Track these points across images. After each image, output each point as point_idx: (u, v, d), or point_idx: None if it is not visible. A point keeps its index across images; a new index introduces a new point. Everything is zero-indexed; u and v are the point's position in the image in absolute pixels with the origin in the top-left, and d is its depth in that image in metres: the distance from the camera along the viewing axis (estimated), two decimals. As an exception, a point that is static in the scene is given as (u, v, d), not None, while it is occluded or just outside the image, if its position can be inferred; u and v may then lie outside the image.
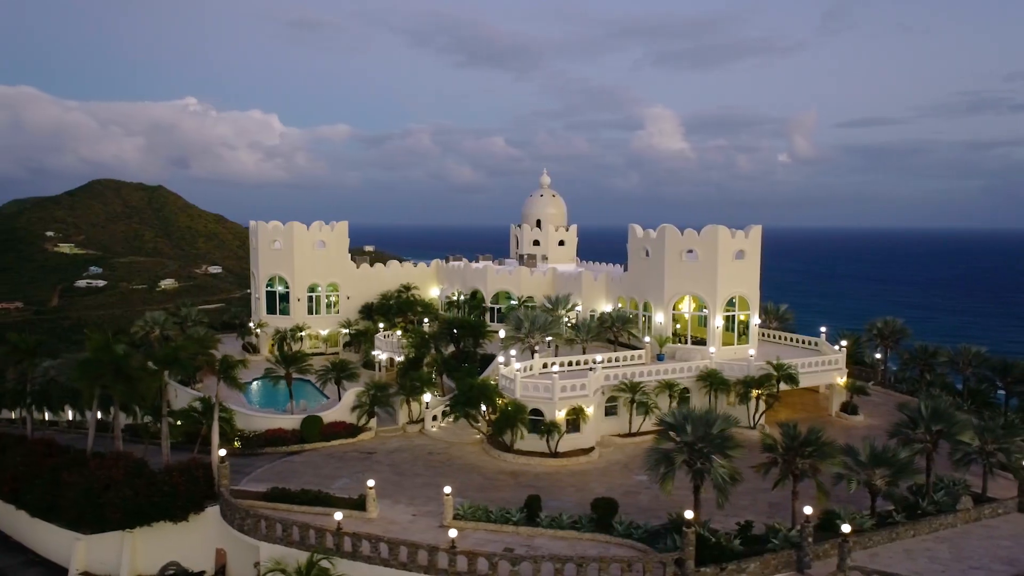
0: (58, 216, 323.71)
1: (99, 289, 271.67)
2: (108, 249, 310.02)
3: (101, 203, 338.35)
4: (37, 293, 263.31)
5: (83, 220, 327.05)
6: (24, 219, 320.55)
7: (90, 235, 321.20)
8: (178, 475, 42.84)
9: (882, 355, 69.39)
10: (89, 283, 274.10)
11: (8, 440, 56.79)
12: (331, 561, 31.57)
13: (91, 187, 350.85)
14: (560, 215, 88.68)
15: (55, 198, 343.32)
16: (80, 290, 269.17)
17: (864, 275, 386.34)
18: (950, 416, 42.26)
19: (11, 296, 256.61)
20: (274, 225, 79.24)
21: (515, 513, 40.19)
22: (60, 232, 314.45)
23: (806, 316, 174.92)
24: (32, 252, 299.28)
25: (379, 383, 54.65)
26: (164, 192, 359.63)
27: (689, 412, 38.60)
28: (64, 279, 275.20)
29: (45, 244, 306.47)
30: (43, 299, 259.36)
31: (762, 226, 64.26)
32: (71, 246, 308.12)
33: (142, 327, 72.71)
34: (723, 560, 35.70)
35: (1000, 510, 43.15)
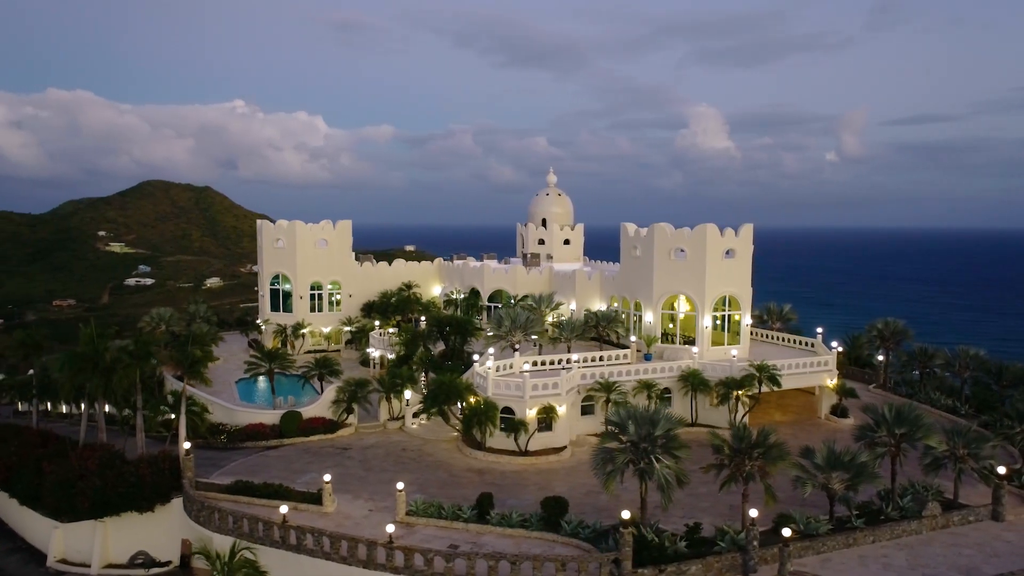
0: (110, 216, 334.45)
1: (147, 287, 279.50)
2: (157, 248, 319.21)
3: (151, 203, 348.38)
4: (89, 291, 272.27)
5: (133, 220, 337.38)
6: (78, 219, 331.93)
7: (140, 234, 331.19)
8: (145, 467, 44.06)
9: (884, 357, 67.49)
10: (138, 281, 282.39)
11: (8, 431, 59.04)
12: (253, 552, 32.07)
13: (141, 188, 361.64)
14: (566, 214, 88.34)
15: (107, 199, 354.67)
16: (129, 288, 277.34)
17: (916, 277, 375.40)
18: (915, 419, 40.97)
19: (65, 294, 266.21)
20: (277, 224, 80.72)
21: (466, 510, 40.34)
22: (111, 232, 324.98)
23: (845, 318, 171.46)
24: (85, 251, 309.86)
25: (358, 380, 55.25)
26: (211, 193, 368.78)
27: (633, 412, 38.21)
28: (114, 277, 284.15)
29: (97, 243, 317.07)
30: (94, 297, 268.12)
31: (753, 224, 63.04)
32: (121, 245, 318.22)
33: (148, 323, 74.74)
34: (665, 562, 35.37)
35: (971, 517, 41.71)
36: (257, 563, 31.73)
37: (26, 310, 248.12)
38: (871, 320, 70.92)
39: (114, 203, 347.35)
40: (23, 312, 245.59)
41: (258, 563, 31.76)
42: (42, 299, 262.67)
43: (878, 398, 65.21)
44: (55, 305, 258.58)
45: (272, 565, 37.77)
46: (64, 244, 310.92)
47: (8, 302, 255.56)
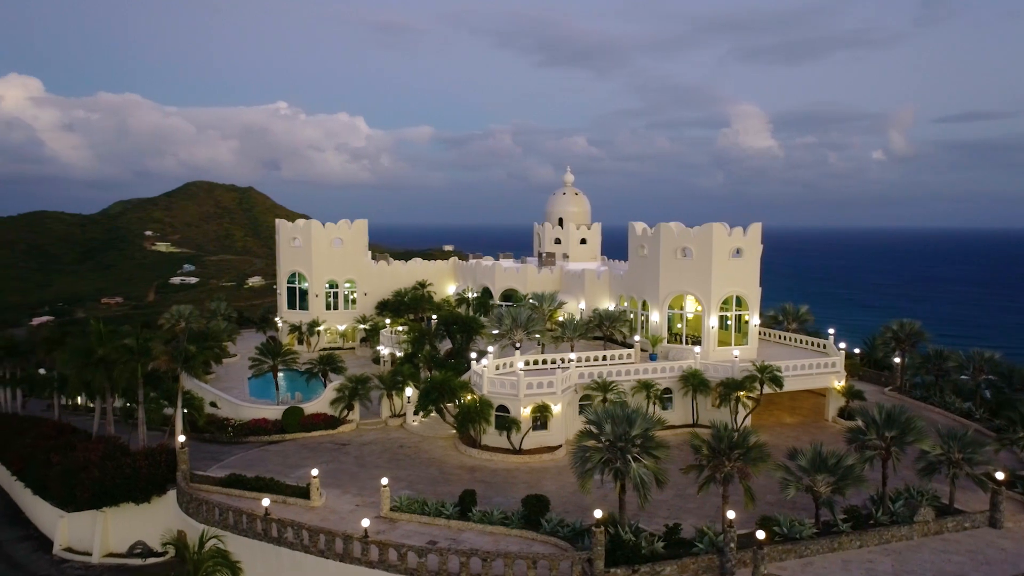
0: (156, 216, 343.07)
1: (191, 286, 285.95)
2: (201, 248, 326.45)
3: (195, 204, 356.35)
4: (135, 289, 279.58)
5: (179, 220, 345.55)
6: (126, 219, 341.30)
7: (185, 234, 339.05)
8: (142, 459, 45.25)
9: (901, 359, 65.87)
10: (182, 280, 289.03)
11: (26, 423, 61.17)
12: (223, 541, 32.76)
13: (186, 188, 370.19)
14: (582, 213, 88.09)
15: (154, 199, 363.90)
16: (174, 286, 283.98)
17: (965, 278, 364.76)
18: (906, 422, 40.00)
19: (113, 292, 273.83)
20: (294, 223, 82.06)
21: (449, 507, 40.57)
22: (158, 231, 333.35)
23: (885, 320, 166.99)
24: (132, 250, 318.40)
25: (359, 377, 55.84)
26: (254, 193, 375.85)
27: (611, 411, 37.98)
28: (160, 276, 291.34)
29: (144, 243, 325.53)
30: (140, 295, 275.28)
31: (762, 223, 62.19)
32: (167, 244, 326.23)
33: (168, 319, 76.59)
34: (640, 562, 35.14)
35: (967, 524, 40.59)
36: (228, 553, 32.38)
37: (76, 308, 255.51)
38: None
39: (160, 203, 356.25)
40: (73, 310, 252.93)
41: (228, 553, 32.39)
42: (91, 297, 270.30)
43: (890, 401, 63.87)
44: (103, 303, 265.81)
45: (255, 557, 38.54)
46: (113, 244, 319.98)
47: (59, 300, 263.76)
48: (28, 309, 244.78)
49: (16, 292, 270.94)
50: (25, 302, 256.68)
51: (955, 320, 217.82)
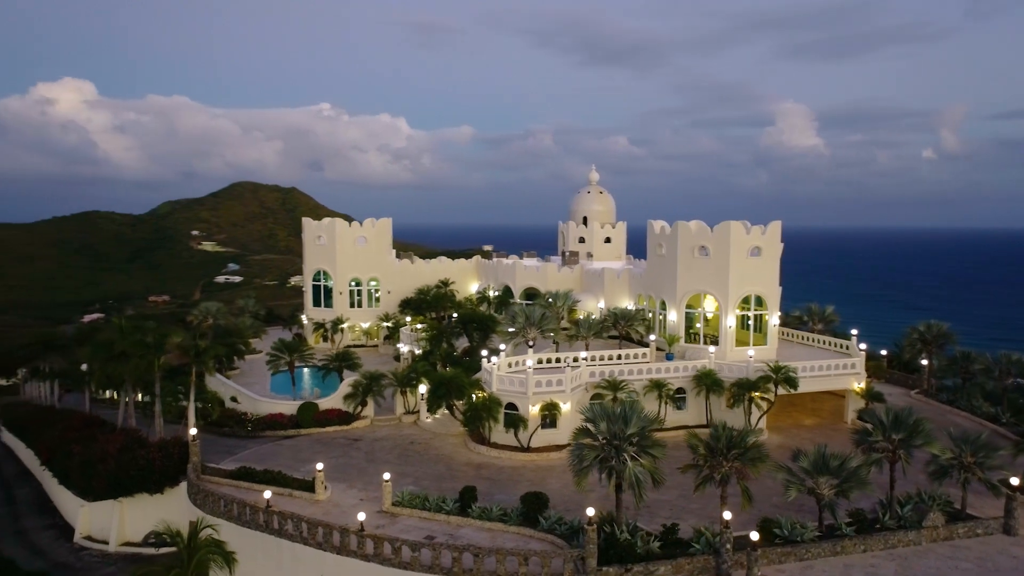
0: (202, 216, 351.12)
1: (235, 284, 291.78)
2: (245, 247, 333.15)
3: (240, 204, 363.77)
4: (182, 288, 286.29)
5: (224, 220, 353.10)
6: (173, 219, 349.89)
7: (230, 234, 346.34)
8: (155, 451, 46.43)
9: (928, 361, 64.23)
10: (227, 279, 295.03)
11: (55, 415, 63.22)
12: (216, 530, 33.42)
13: (232, 189, 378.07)
14: (607, 212, 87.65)
15: (201, 199, 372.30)
16: (219, 285, 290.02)
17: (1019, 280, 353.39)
18: (914, 425, 39.02)
19: (160, 290, 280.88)
20: (319, 221, 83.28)
21: (449, 503, 40.80)
22: (204, 231, 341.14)
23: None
24: (179, 250, 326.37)
25: (373, 373, 56.44)
26: (297, 193, 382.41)
27: (607, 409, 37.79)
28: (205, 275, 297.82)
29: (191, 242, 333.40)
30: (187, 293, 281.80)
31: (781, 222, 61.23)
32: (213, 244, 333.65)
33: (197, 316, 78.33)
34: (634, 561, 34.93)
35: (979, 530, 39.47)
36: (222, 543, 33.04)
37: (125, 305, 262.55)
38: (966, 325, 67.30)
39: (207, 204, 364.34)
40: (123, 307, 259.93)
41: (223, 543, 33.06)
42: (140, 295, 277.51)
43: (918, 405, 62.37)
44: (151, 301, 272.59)
45: (256, 549, 39.31)
46: (161, 243, 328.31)
47: (109, 297, 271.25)
48: (80, 306, 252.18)
49: (69, 290, 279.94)
50: (77, 300, 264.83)
51: (1005, 323, 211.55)
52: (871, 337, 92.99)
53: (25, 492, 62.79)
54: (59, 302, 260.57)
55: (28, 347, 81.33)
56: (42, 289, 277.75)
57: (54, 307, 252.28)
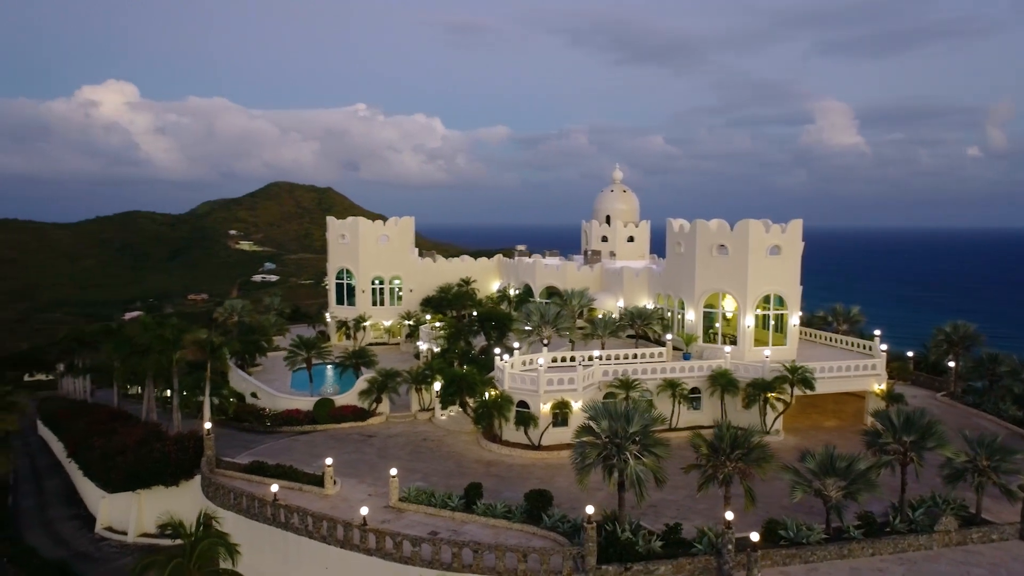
0: (240, 216, 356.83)
1: (271, 283, 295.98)
2: (281, 246, 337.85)
3: (277, 204, 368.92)
4: (219, 286, 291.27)
5: (261, 219, 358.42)
6: (212, 219, 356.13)
7: (267, 233, 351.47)
8: (171, 444, 47.38)
9: (955, 363, 62.79)
10: (263, 278, 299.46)
11: (82, 408, 64.87)
12: (219, 522, 34.05)
13: (269, 189, 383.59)
14: (630, 211, 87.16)
15: (238, 199, 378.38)
16: (255, 284, 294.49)
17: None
18: (926, 427, 38.20)
19: (198, 289, 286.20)
20: (342, 220, 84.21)
21: (455, 499, 40.99)
22: (241, 231, 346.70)
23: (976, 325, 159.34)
24: (217, 249, 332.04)
25: (388, 371, 56.89)
26: (332, 193, 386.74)
27: (609, 407, 37.65)
28: (242, 274, 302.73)
29: (228, 241, 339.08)
30: (224, 292, 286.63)
31: (802, 220, 60.27)
32: (250, 243, 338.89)
33: (222, 313, 79.68)
34: (634, 560, 34.78)
35: (994, 535, 38.54)
36: (225, 535, 33.64)
37: (165, 303, 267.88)
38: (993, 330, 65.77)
39: (244, 203, 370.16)
40: (162, 305, 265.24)
41: (226, 535, 33.66)
42: (179, 293, 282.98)
43: (943, 408, 61.08)
44: (189, 299, 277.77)
45: (264, 541, 39.98)
46: (199, 242, 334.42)
47: (149, 296, 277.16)
48: (121, 304, 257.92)
49: (111, 288, 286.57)
50: (118, 297, 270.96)
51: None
52: (905, 339, 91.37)
53: (55, 483, 64.48)
54: (102, 300, 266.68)
55: (61, 343, 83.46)
56: (87, 287, 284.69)
57: (97, 305, 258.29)
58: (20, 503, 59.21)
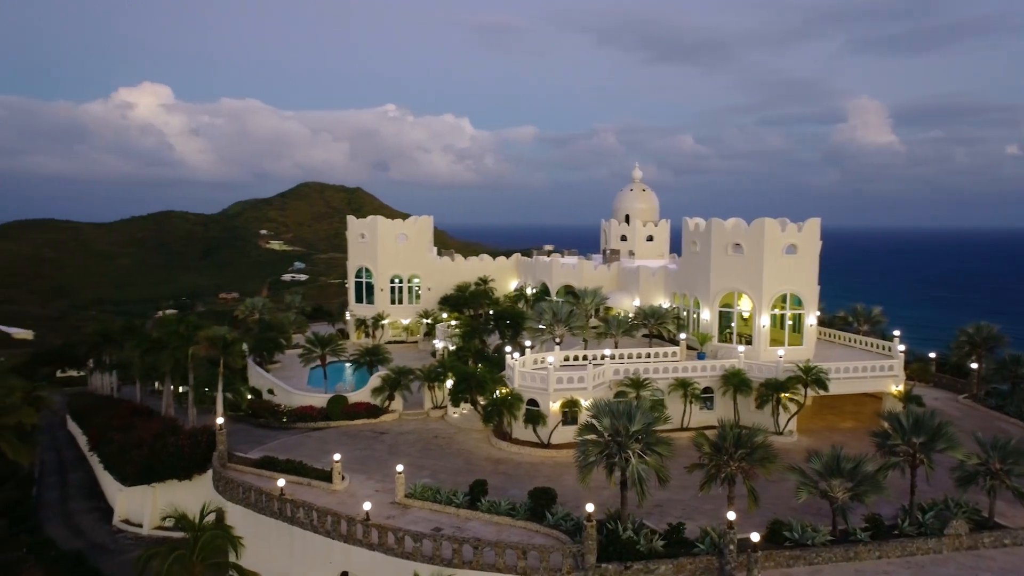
0: (271, 216, 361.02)
1: (301, 283, 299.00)
2: (311, 246, 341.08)
3: (307, 204, 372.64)
4: (250, 285, 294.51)
5: (291, 219, 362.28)
6: (243, 219, 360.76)
7: (297, 233, 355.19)
8: (184, 439, 48.13)
9: (978, 364, 61.55)
10: (293, 277, 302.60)
11: (104, 402, 66.13)
12: (222, 513, 34.61)
13: (299, 189, 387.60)
14: (650, 210, 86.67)
15: (269, 200, 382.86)
16: (285, 283, 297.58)
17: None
18: (937, 428, 37.50)
19: (230, 287, 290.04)
20: (362, 219, 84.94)
21: (460, 496, 41.14)
22: (272, 230, 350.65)
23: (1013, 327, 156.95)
24: (248, 248, 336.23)
25: (401, 368, 57.26)
26: (361, 193, 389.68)
27: (611, 405, 37.51)
28: (273, 273, 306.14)
29: (259, 241, 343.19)
30: (254, 291, 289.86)
31: (820, 219, 59.55)
32: (280, 243, 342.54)
33: (243, 310, 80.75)
34: (634, 558, 34.66)
35: (1006, 540, 37.78)
36: (228, 527, 34.19)
37: (197, 302, 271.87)
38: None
39: (275, 203, 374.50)
40: (194, 304, 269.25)
41: (229, 528, 34.21)
42: (211, 292, 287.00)
43: (964, 410, 60.01)
44: (220, 298, 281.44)
45: (270, 535, 40.50)
46: (231, 242, 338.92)
47: (181, 294, 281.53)
48: (154, 302, 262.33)
49: (145, 286, 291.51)
50: (152, 296, 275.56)
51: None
52: (932, 340, 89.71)
53: (79, 476, 65.73)
54: (136, 298, 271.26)
55: (89, 338, 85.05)
56: (122, 286, 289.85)
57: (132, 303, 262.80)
58: (43, 495, 60.47)
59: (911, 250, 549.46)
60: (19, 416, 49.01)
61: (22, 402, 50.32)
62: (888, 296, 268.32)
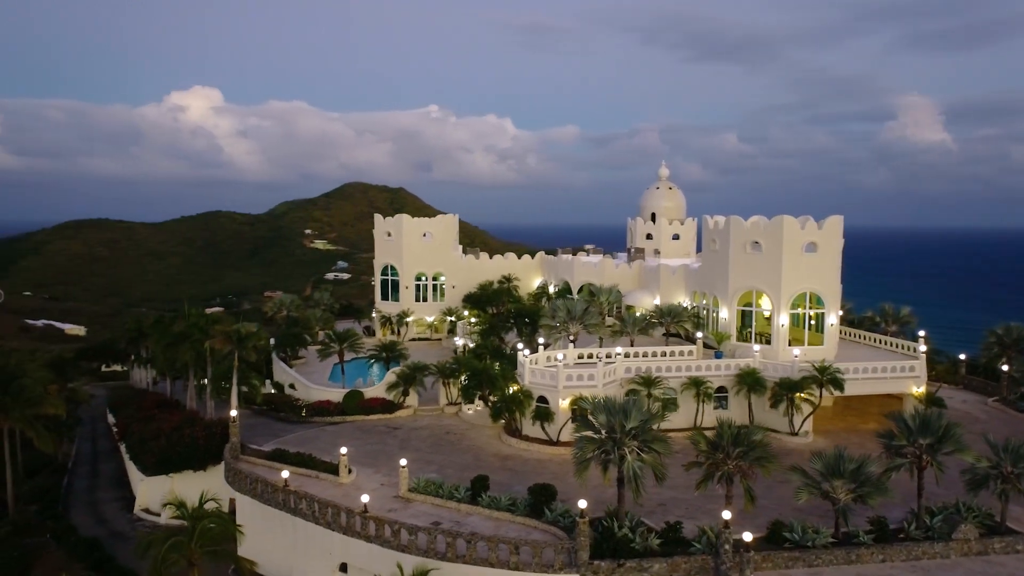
0: (315, 216, 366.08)
1: (343, 281, 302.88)
2: (354, 245, 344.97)
3: (350, 204, 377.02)
4: (295, 284, 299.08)
5: (335, 219, 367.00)
6: (288, 219, 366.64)
7: (340, 233, 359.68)
8: (200, 431, 49.27)
9: (1008, 366, 59.65)
10: (336, 276, 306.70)
11: (133, 395, 68.03)
12: (218, 502, 35.40)
13: (343, 190, 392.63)
14: (676, 208, 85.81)
15: (314, 200, 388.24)
16: (328, 282, 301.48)
17: None
18: (944, 429, 36.46)
19: (275, 287, 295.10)
20: (388, 218, 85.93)
21: (461, 491, 41.37)
22: (316, 230, 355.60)
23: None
24: (293, 248, 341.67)
25: (416, 364, 57.75)
26: (404, 194, 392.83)
27: (607, 402, 37.33)
28: (316, 272, 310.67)
29: (303, 240, 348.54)
30: (299, 289, 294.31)
31: (843, 217, 58.36)
32: (324, 242, 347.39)
33: (271, 307, 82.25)
34: (627, 556, 34.48)
35: (1019, 546, 36.65)
36: (225, 515, 35.00)
37: (243, 300, 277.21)
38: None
39: (319, 204, 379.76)
40: (240, 302, 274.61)
41: (226, 515, 35.02)
42: (256, 291, 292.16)
43: (991, 413, 58.24)
44: (266, 296, 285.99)
45: (274, 525, 41.31)
46: (276, 241, 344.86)
47: (228, 292, 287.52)
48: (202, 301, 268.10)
49: (194, 284, 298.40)
50: (200, 294, 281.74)
51: None
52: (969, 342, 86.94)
53: (110, 467, 67.74)
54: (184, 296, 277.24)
55: (127, 334, 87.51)
56: (172, 284, 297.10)
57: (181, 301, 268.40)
58: (74, 484, 62.48)
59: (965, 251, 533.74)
60: (45, 407, 50.79)
61: (48, 394, 52.12)
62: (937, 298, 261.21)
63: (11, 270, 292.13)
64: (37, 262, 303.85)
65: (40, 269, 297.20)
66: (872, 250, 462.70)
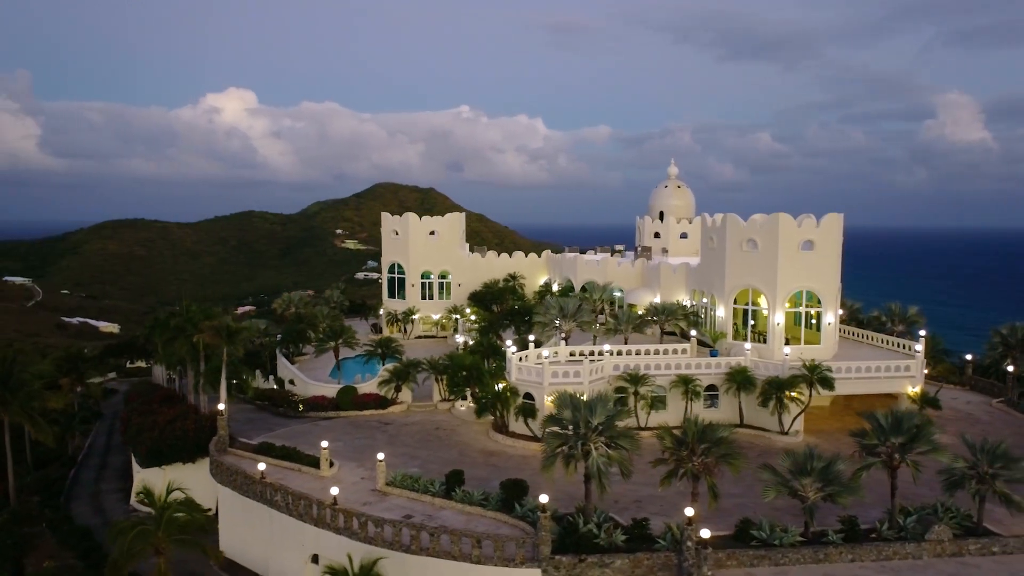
0: (346, 216, 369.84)
1: (372, 281, 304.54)
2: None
3: (381, 204, 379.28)
4: (326, 283, 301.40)
5: (366, 219, 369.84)
6: (320, 218, 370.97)
7: (371, 233, 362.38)
8: (190, 424, 50.18)
9: (1012, 368, 58.19)
10: (365, 275, 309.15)
11: (141, 388, 69.46)
12: (185, 491, 36.15)
13: (374, 190, 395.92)
14: (685, 207, 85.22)
15: (345, 200, 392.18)
16: (358, 281, 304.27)
17: None
18: (917, 429, 35.78)
19: (306, 285, 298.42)
20: (395, 216, 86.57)
21: (436, 485, 41.63)
22: (347, 230, 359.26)
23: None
24: (324, 247, 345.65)
25: (410, 361, 58.17)
26: (434, 194, 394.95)
27: (574, 399, 37.29)
28: (347, 271, 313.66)
29: (335, 240, 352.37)
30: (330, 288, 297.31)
31: (843, 215, 57.47)
32: (355, 242, 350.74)
33: (280, 304, 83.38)
34: (589, 551, 34.43)
35: (995, 547, 35.83)
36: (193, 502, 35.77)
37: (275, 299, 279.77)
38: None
39: (350, 204, 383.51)
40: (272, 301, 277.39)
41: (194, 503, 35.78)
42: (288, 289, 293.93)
43: (994, 414, 56.90)
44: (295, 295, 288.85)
45: (253, 517, 41.97)
46: (308, 241, 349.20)
47: (260, 292, 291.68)
48: (235, 299, 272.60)
49: (227, 283, 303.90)
50: (233, 293, 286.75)
51: None
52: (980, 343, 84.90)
53: (119, 459, 69.22)
54: (218, 295, 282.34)
55: (144, 330, 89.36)
56: (206, 283, 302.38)
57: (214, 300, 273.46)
58: (80, 476, 63.97)
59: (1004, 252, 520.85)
60: (45, 401, 52.16)
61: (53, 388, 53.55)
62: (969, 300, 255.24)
63: (51, 270, 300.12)
64: (76, 261, 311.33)
65: (78, 268, 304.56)
66: (909, 251, 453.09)
